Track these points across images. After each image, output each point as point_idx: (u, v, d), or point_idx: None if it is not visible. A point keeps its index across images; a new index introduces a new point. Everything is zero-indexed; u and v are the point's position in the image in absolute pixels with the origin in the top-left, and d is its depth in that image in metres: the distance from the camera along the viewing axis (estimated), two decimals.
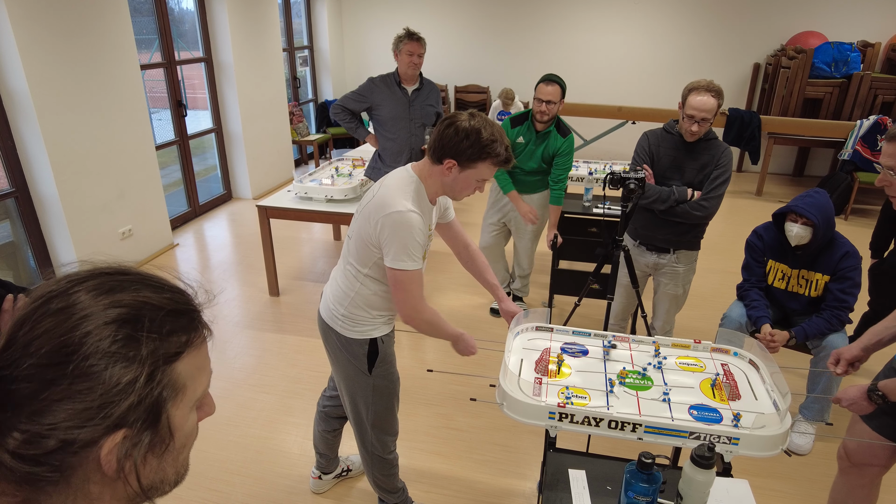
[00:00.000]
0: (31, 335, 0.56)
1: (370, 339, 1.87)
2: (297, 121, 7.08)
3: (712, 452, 1.28)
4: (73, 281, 0.60)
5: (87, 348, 0.55)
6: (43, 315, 0.57)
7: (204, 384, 0.67)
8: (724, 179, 2.66)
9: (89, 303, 0.57)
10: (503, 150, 1.66)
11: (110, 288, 0.60)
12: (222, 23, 5.49)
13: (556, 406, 1.53)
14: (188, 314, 0.64)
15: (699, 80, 2.59)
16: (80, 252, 3.96)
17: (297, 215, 3.82)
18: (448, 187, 1.74)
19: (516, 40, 7.40)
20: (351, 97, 3.66)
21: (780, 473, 2.52)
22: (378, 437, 2.03)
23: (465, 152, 1.64)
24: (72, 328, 0.55)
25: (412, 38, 3.48)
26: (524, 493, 2.44)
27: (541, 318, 1.98)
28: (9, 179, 3.71)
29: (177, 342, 0.61)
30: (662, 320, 3.06)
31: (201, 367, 0.66)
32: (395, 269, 1.67)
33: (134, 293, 0.60)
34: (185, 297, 0.65)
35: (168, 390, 0.60)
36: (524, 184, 3.48)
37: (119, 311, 0.58)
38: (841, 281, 2.56)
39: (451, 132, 1.64)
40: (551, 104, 3.19)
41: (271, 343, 3.50)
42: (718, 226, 5.56)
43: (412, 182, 1.73)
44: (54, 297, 0.58)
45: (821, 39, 6.45)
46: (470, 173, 1.69)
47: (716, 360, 1.82)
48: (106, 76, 4.07)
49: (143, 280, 0.63)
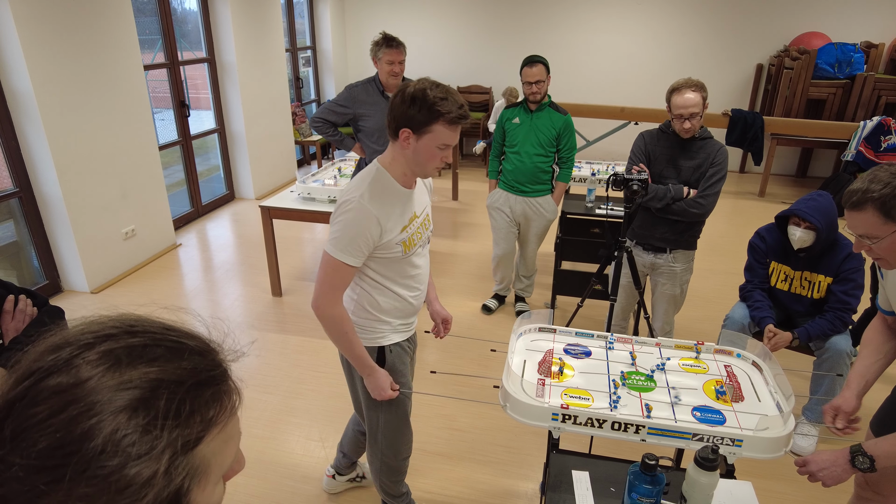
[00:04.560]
0: (22, 424, 0.45)
1: (378, 348, 1.83)
2: (299, 121, 7.08)
3: (716, 454, 1.28)
4: (76, 348, 0.49)
5: (92, 446, 0.45)
6: (38, 396, 0.46)
7: (231, 454, 0.57)
8: (721, 177, 2.69)
9: (95, 383, 0.47)
10: (454, 108, 1.56)
11: (118, 359, 0.49)
12: (225, 23, 5.50)
13: (560, 407, 1.53)
14: (212, 384, 0.53)
15: (678, 80, 2.64)
16: (84, 252, 3.98)
17: (299, 216, 3.83)
18: (413, 162, 1.65)
19: (519, 40, 7.40)
20: (331, 108, 3.44)
21: (784, 475, 2.52)
22: (389, 445, 1.99)
23: (415, 118, 1.57)
24: (73, 420, 0.45)
25: (391, 45, 3.26)
26: (527, 493, 2.44)
27: (544, 320, 1.98)
28: (12, 179, 3.72)
29: (200, 422, 0.51)
30: (661, 321, 3.07)
31: (228, 439, 0.56)
32: (326, 250, 1.65)
33: (147, 366, 0.50)
34: (208, 360, 0.55)
35: (190, 478, 0.51)
36: (529, 175, 3.46)
37: (130, 393, 0.47)
38: (844, 283, 2.56)
39: (398, 101, 1.59)
40: (540, 83, 3.30)
41: (274, 343, 3.51)
42: (721, 227, 5.55)
43: (371, 171, 1.69)
44: (53, 371, 0.48)
45: (824, 40, 6.44)
46: (427, 140, 1.59)
47: (719, 362, 1.82)
48: (109, 76, 4.08)
49: (158, 341, 0.53)
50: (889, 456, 1.46)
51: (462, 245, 5.04)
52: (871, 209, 1.43)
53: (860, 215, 1.46)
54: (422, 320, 3.57)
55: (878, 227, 1.44)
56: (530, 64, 3.29)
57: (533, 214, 3.57)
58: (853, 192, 1.46)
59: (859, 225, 1.48)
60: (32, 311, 1.40)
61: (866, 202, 1.43)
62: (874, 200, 1.42)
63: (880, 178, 1.43)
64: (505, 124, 3.52)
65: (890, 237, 1.44)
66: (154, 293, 4.11)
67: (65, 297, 4.02)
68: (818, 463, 1.52)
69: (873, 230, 1.46)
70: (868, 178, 1.45)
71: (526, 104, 3.44)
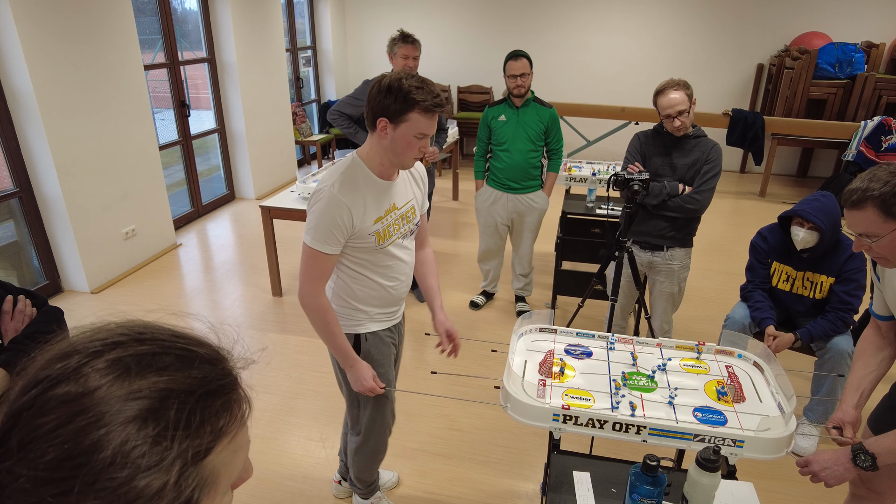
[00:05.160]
0: (29, 434, 0.45)
1: (354, 335, 1.86)
2: (300, 121, 7.08)
3: (718, 455, 1.28)
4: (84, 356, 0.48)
5: (101, 458, 0.44)
6: (46, 405, 0.46)
7: (241, 463, 0.56)
8: (715, 173, 2.74)
9: (104, 393, 0.46)
10: (430, 97, 1.58)
11: (128, 368, 0.48)
12: (225, 23, 5.50)
13: (561, 408, 1.52)
14: (222, 393, 0.52)
15: (661, 82, 2.71)
16: (84, 252, 3.98)
17: (300, 215, 3.82)
18: (391, 152, 1.67)
19: (519, 41, 7.39)
20: (348, 101, 3.59)
21: (786, 476, 2.51)
22: (367, 433, 2.02)
23: (390, 107, 1.59)
24: (81, 430, 0.44)
25: (406, 41, 3.43)
26: (527, 494, 2.44)
27: (544, 320, 1.98)
28: (13, 179, 3.72)
29: (210, 432, 0.50)
30: (661, 319, 3.08)
31: (238, 449, 0.55)
32: (304, 240, 1.68)
33: (156, 376, 0.49)
34: (218, 368, 0.54)
35: (199, 490, 0.50)
36: (520, 171, 3.47)
37: (139, 403, 0.47)
38: (846, 283, 2.55)
39: (374, 92, 1.62)
40: (525, 76, 3.34)
41: (274, 343, 3.50)
42: (721, 227, 5.55)
43: (346, 161, 1.72)
44: (61, 380, 0.47)
45: (825, 40, 6.43)
46: (404, 129, 1.61)
47: (720, 363, 1.81)
48: (109, 76, 4.08)
49: (166, 349, 0.52)
50: (891, 453, 1.46)
51: (462, 245, 5.03)
52: (870, 207, 1.44)
53: (860, 214, 1.47)
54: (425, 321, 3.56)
55: (878, 225, 1.45)
56: (515, 58, 3.34)
57: (525, 209, 3.58)
58: (852, 190, 1.47)
59: (859, 224, 1.48)
60: (32, 311, 1.40)
61: (866, 201, 1.44)
62: (874, 199, 1.43)
63: (879, 176, 1.44)
64: (491, 122, 3.53)
65: (890, 235, 1.45)
66: (154, 293, 4.11)
67: (65, 297, 4.02)
68: (820, 463, 1.52)
69: (873, 228, 1.46)
70: (867, 176, 1.46)
71: (510, 101, 3.46)
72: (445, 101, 1.62)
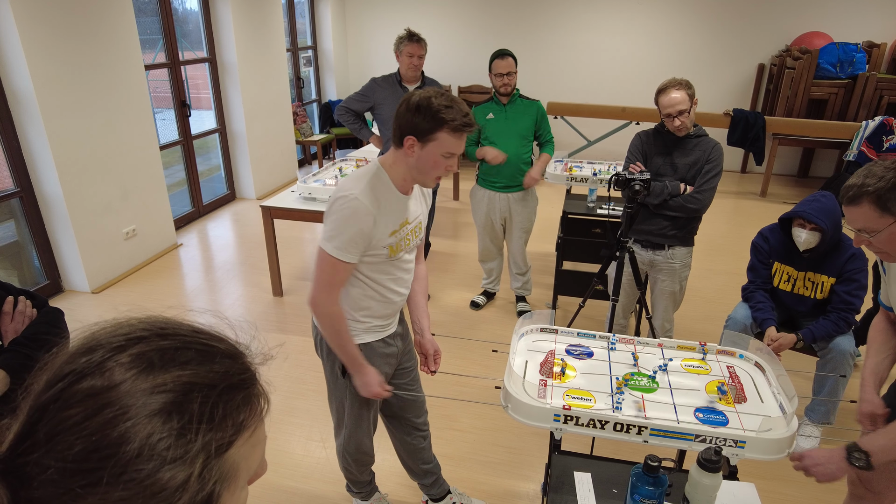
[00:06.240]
0: (56, 427, 0.45)
1: None
2: (300, 121, 7.08)
3: (719, 456, 1.27)
4: (108, 350, 0.49)
5: (129, 450, 0.45)
6: (72, 399, 0.46)
7: (258, 458, 0.57)
8: (716, 173, 2.74)
9: (129, 387, 0.47)
10: (459, 116, 1.57)
11: (151, 362, 0.49)
12: (226, 23, 5.50)
13: (562, 408, 1.52)
14: (243, 388, 0.53)
15: (662, 81, 2.72)
16: (84, 252, 3.98)
17: (300, 215, 3.82)
18: (415, 169, 1.66)
19: (520, 41, 7.39)
20: (354, 98, 3.72)
21: (787, 477, 2.51)
22: (352, 433, 2.02)
23: (419, 125, 1.58)
24: (108, 423, 0.45)
25: (412, 40, 3.54)
26: (528, 494, 2.43)
27: (545, 320, 1.97)
28: (13, 179, 3.72)
29: (232, 426, 0.51)
30: (661, 318, 3.07)
31: (257, 443, 0.56)
32: (321, 247, 1.64)
33: (179, 370, 0.50)
34: (238, 363, 0.55)
35: (221, 483, 0.50)
36: (512, 168, 3.47)
37: (164, 397, 0.47)
38: (847, 283, 2.55)
39: (402, 110, 1.60)
40: (511, 75, 3.38)
41: (274, 343, 3.50)
42: (722, 227, 5.54)
43: (370, 170, 1.69)
44: (86, 374, 0.47)
45: (826, 40, 6.42)
46: (432, 148, 1.60)
47: (721, 363, 1.81)
48: (110, 76, 4.08)
49: (188, 344, 0.52)
50: (885, 451, 1.46)
51: (462, 245, 5.03)
52: (867, 203, 1.46)
53: (857, 209, 1.49)
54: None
55: (875, 220, 1.47)
56: (501, 56, 3.37)
57: (517, 206, 3.59)
58: (849, 187, 1.49)
59: (857, 219, 1.51)
60: (32, 312, 1.40)
61: (862, 196, 1.46)
62: (869, 194, 1.45)
63: (875, 172, 1.46)
64: (479, 121, 3.53)
65: (888, 230, 1.47)
66: (155, 293, 4.11)
67: (65, 297, 4.02)
68: (813, 458, 1.53)
69: (871, 224, 1.48)
70: (863, 173, 1.48)
71: (496, 98, 3.48)
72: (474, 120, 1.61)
